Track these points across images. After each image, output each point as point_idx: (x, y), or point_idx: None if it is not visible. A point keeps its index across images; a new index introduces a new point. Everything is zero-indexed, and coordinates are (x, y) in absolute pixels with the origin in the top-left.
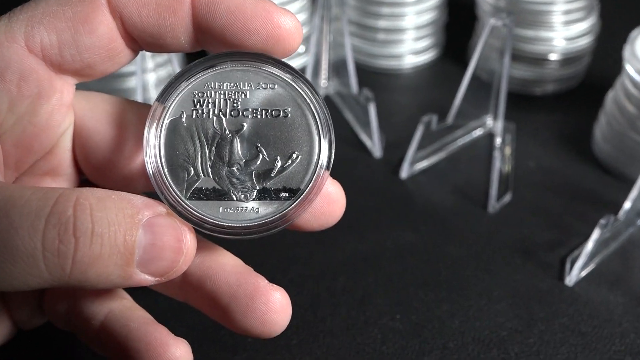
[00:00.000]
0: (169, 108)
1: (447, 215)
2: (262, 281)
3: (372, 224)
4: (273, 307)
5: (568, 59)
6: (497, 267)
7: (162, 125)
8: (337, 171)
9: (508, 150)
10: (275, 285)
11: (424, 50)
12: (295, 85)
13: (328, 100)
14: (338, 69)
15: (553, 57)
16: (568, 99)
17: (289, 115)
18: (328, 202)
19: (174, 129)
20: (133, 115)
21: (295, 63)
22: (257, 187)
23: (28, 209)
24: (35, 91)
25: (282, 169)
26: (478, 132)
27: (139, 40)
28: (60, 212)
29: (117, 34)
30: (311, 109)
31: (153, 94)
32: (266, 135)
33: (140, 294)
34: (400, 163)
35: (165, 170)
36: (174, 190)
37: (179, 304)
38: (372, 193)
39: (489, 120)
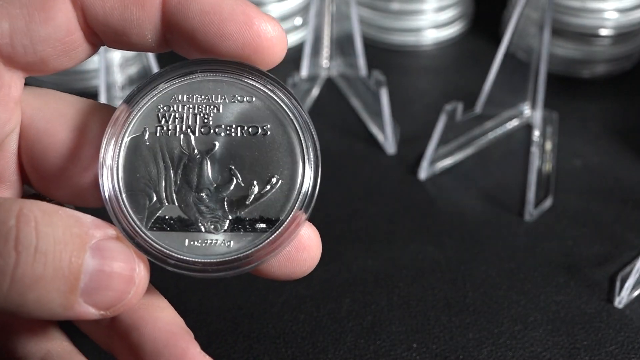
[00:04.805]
0: (129, 124)
1: (475, 224)
2: (193, 348)
3: (385, 235)
4: None
5: (622, 35)
6: (534, 286)
7: (121, 143)
8: (340, 172)
9: (549, 146)
10: (206, 355)
11: (448, 23)
12: (276, 97)
13: (331, 84)
14: (343, 46)
15: (604, 32)
16: (621, 83)
17: (268, 132)
18: (297, 248)
19: (134, 149)
20: (91, 117)
21: (292, 39)
22: (230, 217)
23: None
24: None
25: (260, 195)
26: (513, 124)
27: (100, 35)
28: (0, 221)
29: (76, 25)
30: (294, 125)
31: (119, 94)
32: (241, 156)
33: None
34: (419, 161)
35: (124, 195)
36: (132, 219)
37: None
38: (385, 198)
39: (526, 109)
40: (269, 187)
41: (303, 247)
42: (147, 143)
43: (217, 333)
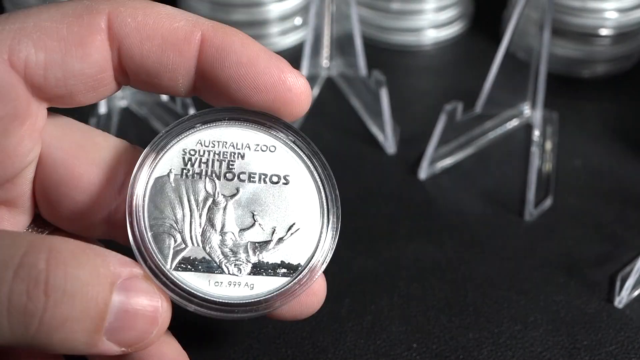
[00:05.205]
0: (155, 164)
1: (475, 224)
2: None
3: (385, 235)
4: None
5: (622, 35)
6: (534, 286)
7: (147, 183)
8: (340, 171)
9: (549, 146)
10: None
11: (448, 23)
12: (298, 149)
13: (331, 84)
14: (343, 45)
15: (604, 32)
16: (622, 83)
17: (290, 182)
18: (307, 293)
19: (160, 189)
20: (107, 151)
21: (292, 38)
22: (252, 261)
23: None
24: (11, 112)
25: (281, 241)
26: (513, 124)
27: (131, 75)
28: (31, 264)
29: (109, 63)
30: (314, 176)
31: (119, 94)
32: (264, 203)
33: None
34: (419, 161)
35: (149, 234)
36: (157, 259)
37: None
38: (384, 198)
39: (526, 109)
40: (289, 234)
41: (313, 292)
42: (173, 184)
43: (217, 333)
